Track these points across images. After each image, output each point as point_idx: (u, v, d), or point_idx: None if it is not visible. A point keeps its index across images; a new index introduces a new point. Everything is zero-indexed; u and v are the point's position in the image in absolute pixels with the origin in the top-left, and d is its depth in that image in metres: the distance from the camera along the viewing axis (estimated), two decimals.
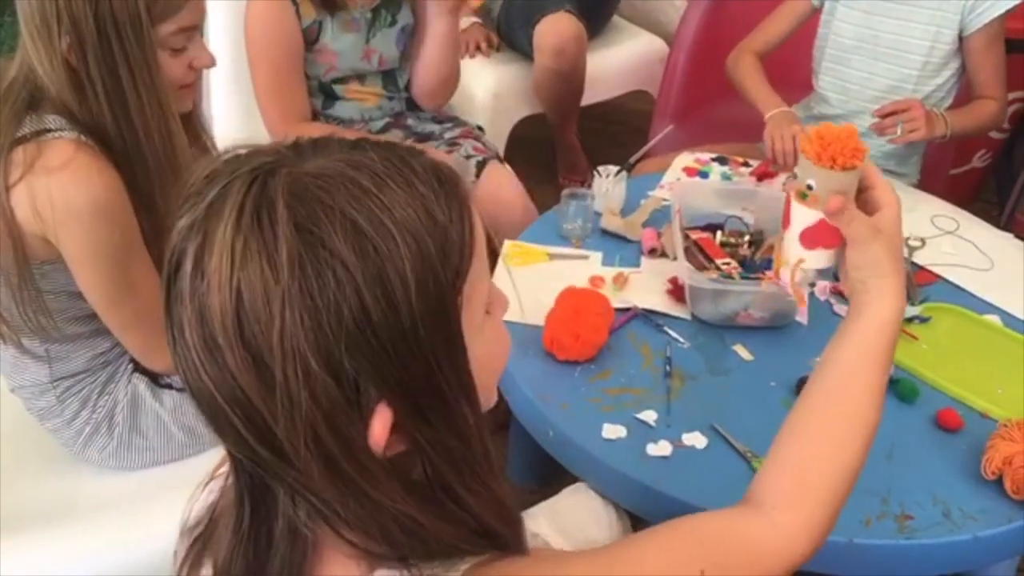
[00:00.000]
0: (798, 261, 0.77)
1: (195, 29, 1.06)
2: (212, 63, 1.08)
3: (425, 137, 1.82)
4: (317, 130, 1.65)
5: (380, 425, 0.49)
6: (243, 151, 0.52)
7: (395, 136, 1.78)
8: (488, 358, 0.57)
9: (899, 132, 1.53)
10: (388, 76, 1.78)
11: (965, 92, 1.69)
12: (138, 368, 1.20)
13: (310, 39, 1.66)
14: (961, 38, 1.60)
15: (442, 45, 1.73)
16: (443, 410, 0.52)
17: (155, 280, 1.09)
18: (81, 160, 0.97)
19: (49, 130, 0.99)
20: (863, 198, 0.74)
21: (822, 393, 0.71)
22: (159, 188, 1.05)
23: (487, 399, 0.58)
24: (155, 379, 1.22)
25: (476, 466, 0.54)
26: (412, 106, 1.85)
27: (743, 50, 1.81)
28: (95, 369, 1.17)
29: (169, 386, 1.22)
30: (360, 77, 1.75)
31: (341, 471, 0.49)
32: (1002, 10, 1.55)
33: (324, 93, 1.74)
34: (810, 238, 0.76)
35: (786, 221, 0.78)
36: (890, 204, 0.72)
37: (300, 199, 0.47)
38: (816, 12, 1.75)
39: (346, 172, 0.49)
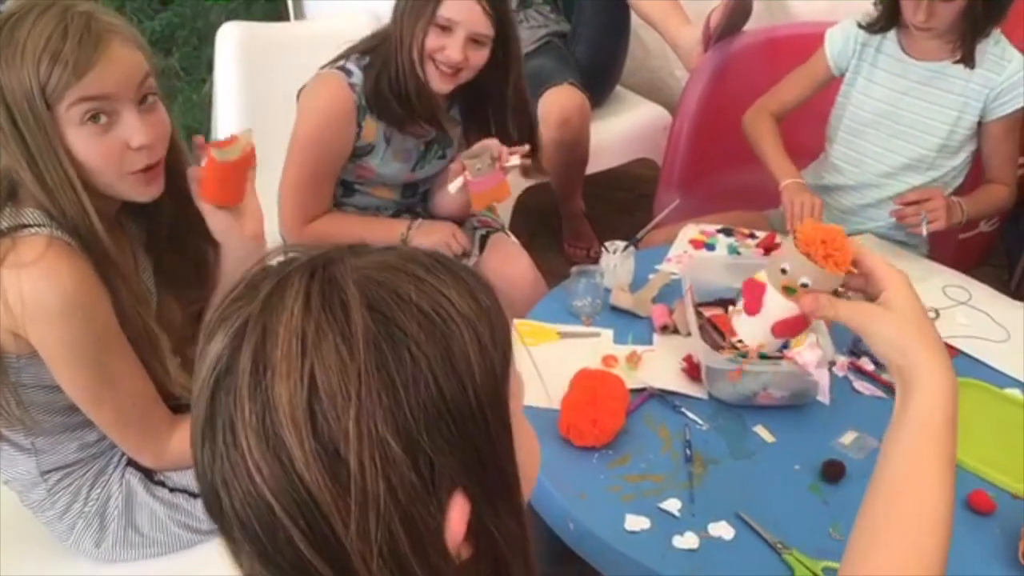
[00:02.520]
0: (758, 346, 0.79)
1: (110, 100, 0.97)
2: (143, 142, 0.99)
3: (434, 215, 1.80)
4: (325, 223, 1.62)
5: (458, 516, 0.48)
6: (279, 258, 0.51)
7: (405, 218, 1.75)
8: (530, 453, 0.56)
9: (924, 230, 1.54)
10: (409, 186, 1.75)
11: (976, 173, 1.70)
12: (131, 462, 1.16)
13: (359, 154, 1.61)
14: (980, 123, 1.61)
15: (461, 212, 1.75)
16: (508, 497, 0.52)
17: (139, 376, 1.06)
18: (51, 257, 0.95)
19: (26, 226, 0.97)
20: (863, 283, 0.73)
21: (887, 495, 0.67)
22: (101, 271, 1.01)
23: (529, 492, 0.57)
24: (149, 475, 1.18)
25: (530, 557, 0.54)
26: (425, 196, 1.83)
27: (761, 110, 1.80)
28: (85, 461, 1.14)
29: (162, 483, 1.18)
30: (387, 186, 1.73)
31: None
32: None
33: (347, 188, 1.70)
34: (783, 330, 0.77)
35: (754, 306, 0.78)
36: (893, 279, 0.70)
37: (367, 284, 0.48)
38: (835, 80, 1.74)
39: (401, 263, 0.50)
